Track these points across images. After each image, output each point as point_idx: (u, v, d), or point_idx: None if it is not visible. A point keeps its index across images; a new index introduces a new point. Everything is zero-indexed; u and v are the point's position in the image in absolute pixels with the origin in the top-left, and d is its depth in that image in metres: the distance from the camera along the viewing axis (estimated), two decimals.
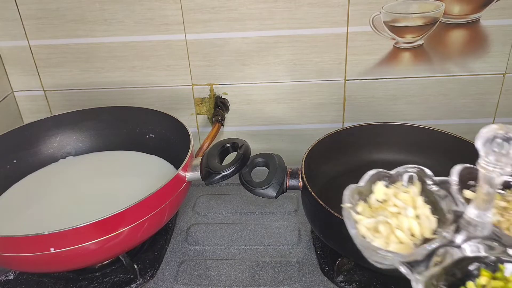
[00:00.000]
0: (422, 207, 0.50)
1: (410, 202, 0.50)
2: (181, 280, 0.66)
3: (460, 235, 0.43)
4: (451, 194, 0.49)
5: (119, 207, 0.55)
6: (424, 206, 0.50)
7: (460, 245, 0.43)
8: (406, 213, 0.49)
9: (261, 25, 0.81)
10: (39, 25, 0.83)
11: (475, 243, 0.43)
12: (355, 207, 0.50)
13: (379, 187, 0.52)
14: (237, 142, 0.69)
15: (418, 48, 0.82)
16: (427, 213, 0.49)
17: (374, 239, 0.47)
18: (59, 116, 0.82)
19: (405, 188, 0.52)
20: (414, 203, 0.50)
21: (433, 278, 0.40)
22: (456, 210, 0.47)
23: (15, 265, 0.61)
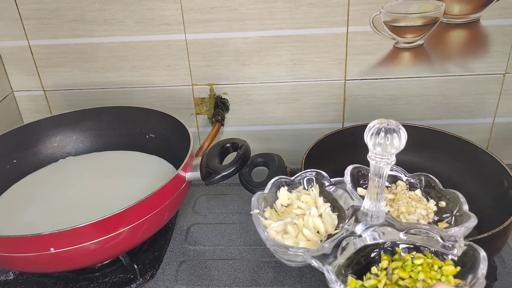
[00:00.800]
0: (323, 206, 0.55)
1: (312, 203, 0.56)
2: (181, 280, 0.66)
3: (359, 225, 0.49)
4: (347, 191, 0.55)
5: (119, 207, 0.55)
6: (324, 205, 0.56)
7: (361, 235, 0.48)
8: (310, 213, 0.54)
9: (261, 25, 0.81)
10: (39, 25, 0.83)
11: (373, 231, 0.48)
12: (263, 213, 0.56)
13: (282, 192, 0.58)
14: (237, 142, 0.69)
15: (418, 48, 0.82)
16: (328, 211, 0.55)
17: (284, 240, 0.51)
18: (59, 116, 0.82)
19: (306, 191, 0.58)
20: (316, 203, 0.56)
21: (341, 267, 0.45)
22: (353, 205, 0.52)
23: (15, 265, 0.61)
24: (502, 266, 0.66)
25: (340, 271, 0.45)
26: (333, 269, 0.44)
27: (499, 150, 0.90)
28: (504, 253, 0.68)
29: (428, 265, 0.45)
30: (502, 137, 0.91)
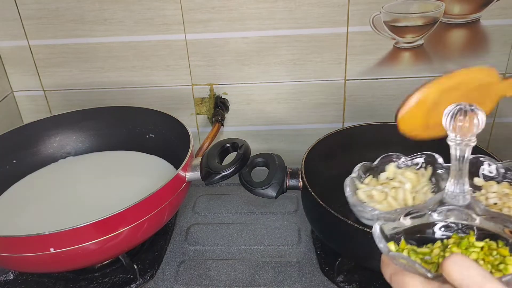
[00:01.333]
0: (423, 185, 0.56)
1: (414, 181, 0.57)
2: (181, 280, 0.66)
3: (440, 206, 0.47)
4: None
5: (119, 207, 0.55)
6: (424, 185, 0.56)
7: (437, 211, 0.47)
8: (404, 187, 0.56)
9: (261, 25, 0.81)
10: (39, 25, 0.83)
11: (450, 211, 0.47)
12: (363, 179, 0.60)
13: (391, 167, 0.60)
14: (237, 142, 0.69)
15: (418, 48, 0.82)
16: (425, 190, 0.56)
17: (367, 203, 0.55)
18: (59, 116, 0.82)
19: (415, 170, 0.59)
20: (418, 181, 0.57)
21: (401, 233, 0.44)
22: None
23: (15, 265, 0.61)
24: None
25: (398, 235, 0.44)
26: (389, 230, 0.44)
27: (499, 150, 0.90)
28: None
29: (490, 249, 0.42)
30: (502, 137, 0.91)
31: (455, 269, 0.34)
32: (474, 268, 0.34)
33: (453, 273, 0.34)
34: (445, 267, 0.34)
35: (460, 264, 0.34)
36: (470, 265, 0.34)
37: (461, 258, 0.35)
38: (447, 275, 0.34)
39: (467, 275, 0.33)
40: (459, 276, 0.33)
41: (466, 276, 0.33)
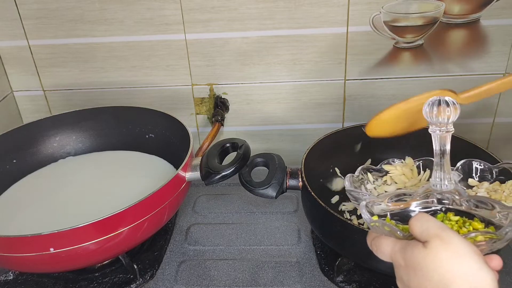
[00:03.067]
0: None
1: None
2: (181, 280, 0.66)
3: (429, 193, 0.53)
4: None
5: (119, 207, 0.55)
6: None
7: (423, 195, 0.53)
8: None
9: (261, 25, 0.81)
10: (39, 25, 0.83)
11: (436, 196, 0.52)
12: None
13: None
14: (237, 142, 0.69)
15: (418, 48, 0.82)
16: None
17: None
18: (58, 116, 0.82)
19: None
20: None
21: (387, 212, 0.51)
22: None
23: (15, 265, 0.61)
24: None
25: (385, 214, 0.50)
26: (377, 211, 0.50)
27: (499, 150, 0.90)
28: (504, 253, 0.68)
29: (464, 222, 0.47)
30: (502, 137, 0.91)
31: (418, 223, 0.40)
32: (433, 221, 0.40)
33: (415, 226, 0.40)
34: (410, 223, 0.40)
35: (421, 219, 0.40)
36: (429, 219, 0.40)
37: (422, 215, 0.40)
38: (411, 229, 0.40)
39: (426, 227, 0.39)
40: (420, 229, 0.39)
41: (425, 228, 0.39)
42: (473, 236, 0.43)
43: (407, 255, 0.40)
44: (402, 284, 0.41)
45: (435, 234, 0.38)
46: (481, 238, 0.43)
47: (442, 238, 0.38)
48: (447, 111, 0.51)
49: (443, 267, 0.37)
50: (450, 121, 0.52)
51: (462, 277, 0.36)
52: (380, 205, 0.51)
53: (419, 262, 0.38)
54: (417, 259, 0.38)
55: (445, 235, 0.38)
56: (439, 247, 0.37)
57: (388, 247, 0.42)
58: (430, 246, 0.38)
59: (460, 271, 0.36)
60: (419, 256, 0.38)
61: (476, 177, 0.65)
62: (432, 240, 0.38)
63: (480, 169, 0.65)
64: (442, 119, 0.52)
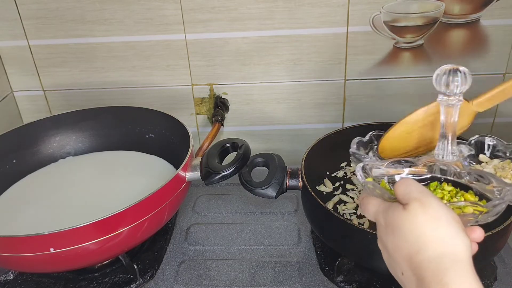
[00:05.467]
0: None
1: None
2: (181, 280, 0.66)
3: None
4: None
5: (119, 207, 0.55)
6: None
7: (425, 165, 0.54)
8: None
9: (261, 25, 0.81)
10: (38, 25, 0.83)
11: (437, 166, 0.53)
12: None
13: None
14: (237, 142, 0.69)
15: (418, 48, 0.82)
16: None
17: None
18: (58, 116, 0.82)
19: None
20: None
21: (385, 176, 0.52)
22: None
23: (15, 265, 0.61)
24: (502, 266, 0.66)
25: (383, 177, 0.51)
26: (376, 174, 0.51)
27: None
28: (504, 253, 0.68)
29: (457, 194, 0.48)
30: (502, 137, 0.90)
31: (401, 187, 0.41)
32: (416, 185, 0.41)
33: (399, 189, 0.41)
34: (395, 186, 0.42)
35: (405, 183, 0.41)
36: (413, 183, 0.41)
37: (406, 179, 0.42)
38: (395, 192, 0.42)
39: (409, 190, 0.40)
40: (403, 192, 0.41)
41: (408, 191, 0.40)
42: (462, 206, 0.44)
43: (388, 216, 0.41)
44: (381, 244, 0.43)
45: (415, 197, 0.39)
46: (469, 209, 0.44)
47: (422, 201, 0.39)
48: (456, 80, 0.50)
49: (419, 229, 0.38)
50: (459, 91, 0.51)
51: (436, 240, 0.37)
52: (379, 169, 0.52)
53: (397, 223, 0.40)
54: (396, 220, 0.40)
55: (425, 199, 0.39)
56: (418, 210, 0.39)
57: (374, 207, 0.44)
58: (409, 208, 0.39)
59: (435, 234, 0.37)
60: (398, 218, 0.40)
61: (488, 153, 0.64)
62: (412, 203, 0.39)
63: (492, 145, 0.64)
64: (451, 89, 0.51)
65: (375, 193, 0.45)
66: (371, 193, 0.46)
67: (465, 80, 0.51)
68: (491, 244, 0.57)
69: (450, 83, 0.51)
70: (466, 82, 0.51)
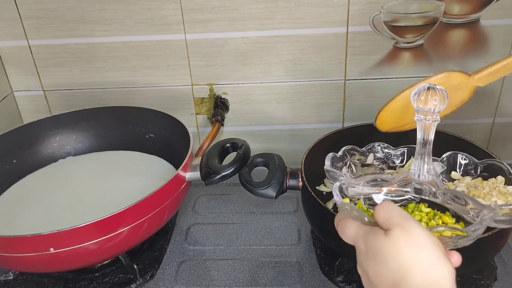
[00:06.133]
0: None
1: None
2: (181, 280, 0.66)
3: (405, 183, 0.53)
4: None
5: (119, 207, 0.55)
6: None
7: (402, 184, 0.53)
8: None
9: (261, 25, 0.81)
10: (38, 25, 0.83)
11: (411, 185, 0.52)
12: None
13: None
14: (237, 142, 0.69)
15: (418, 48, 0.82)
16: None
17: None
18: (58, 116, 0.82)
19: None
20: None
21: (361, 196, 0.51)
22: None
23: (15, 265, 0.61)
24: (502, 266, 0.66)
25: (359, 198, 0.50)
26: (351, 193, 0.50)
27: (499, 150, 0.90)
28: (504, 253, 0.68)
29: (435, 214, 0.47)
30: (502, 137, 0.91)
31: (382, 211, 0.40)
32: (397, 210, 0.40)
33: (379, 214, 0.40)
34: (375, 211, 0.41)
35: (385, 207, 0.40)
36: (393, 207, 0.40)
37: (387, 203, 0.41)
38: (375, 217, 0.40)
39: (390, 215, 0.39)
40: (384, 216, 0.39)
41: (389, 216, 0.39)
42: (441, 230, 0.43)
43: (369, 241, 0.40)
44: (361, 269, 0.42)
45: (397, 223, 0.38)
46: (447, 233, 0.43)
47: (404, 227, 0.38)
48: (434, 99, 0.50)
49: (402, 256, 0.37)
50: (436, 110, 0.51)
51: (419, 267, 0.36)
52: (354, 188, 0.51)
53: (379, 249, 0.39)
54: (377, 246, 0.39)
55: (407, 225, 0.38)
56: (400, 236, 0.38)
57: (352, 231, 0.43)
58: (391, 234, 0.38)
59: (418, 261, 0.37)
60: (380, 243, 0.39)
61: (459, 171, 0.64)
62: (394, 229, 0.38)
63: (464, 163, 0.64)
64: (429, 107, 0.51)
65: (353, 215, 0.44)
66: (348, 215, 0.45)
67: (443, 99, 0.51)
68: (491, 244, 0.57)
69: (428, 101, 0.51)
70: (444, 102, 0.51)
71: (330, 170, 0.59)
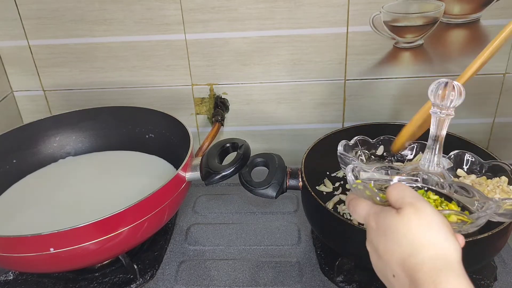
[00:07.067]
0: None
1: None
2: (181, 280, 0.66)
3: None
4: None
5: (119, 207, 0.55)
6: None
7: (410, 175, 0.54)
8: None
9: (261, 25, 0.81)
10: (39, 25, 0.83)
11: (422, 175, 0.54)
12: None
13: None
14: (237, 142, 0.69)
15: (418, 48, 0.82)
16: None
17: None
18: (58, 116, 0.82)
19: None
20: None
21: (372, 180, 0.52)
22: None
23: (15, 265, 0.61)
24: (502, 266, 0.66)
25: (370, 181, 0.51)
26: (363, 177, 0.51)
27: (499, 150, 0.90)
28: (504, 253, 0.68)
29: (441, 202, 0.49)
30: (502, 137, 0.91)
31: (394, 191, 0.41)
32: (409, 190, 0.41)
33: (392, 194, 0.41)
34: (388, 190, 0.42)
35: (398, 188, 0.42)
36: (406, 188, 0.42)
37: (400, 184, 0.43)
38: (388, 196, 0.42)
39: (402, 195, 0.41)
40: (396, 196, 0.41)
41: (401, 196, 0.41)
42: (447, 214, 0.45)
43: (380, 219, 0.41)
44: (371, 246, 0.43)
45: (409, 202, 0.40)
46: (453, 218, 0.45)
47: (416, 206, 0.39)
48: (451, 95, 0.51)
49: (413, 233, 0.38)
50: (452, 105, 0.52)
51: (429, 244, 0.38)
52: (367, 172, 0.53)
53: (390, 227, 0.40)
54: (389, 223, 0.40)
55: (419, 204, 0.40)
56: (411, 215, 0.39)
57: (364, 210, 0.44)
58: (403, 212, 0.40)
59: (429, 238, 0.38)
60: (392, 221, 0.40)
61: (465, 168, 0.66)
62: (406, 207, 0.40)
63: (471, 161, 0.66)
64: (445, 102, 0.52)
65: (365, 195, 0.46)
66: (360, 195, 0.46)
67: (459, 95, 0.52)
68: (491, 244, 0.57)
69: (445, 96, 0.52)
70: (460, 97, 0.52)
71: (344, 155, 0.61)
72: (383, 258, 0.40)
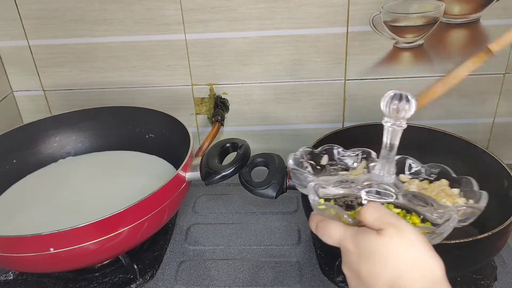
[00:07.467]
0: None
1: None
2: (181, 280, 0.66)
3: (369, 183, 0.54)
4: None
5: (119, 207, 0.55)
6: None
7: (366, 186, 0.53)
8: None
9: (261, 25, 0.81)
10: (39, 25, 0.83)
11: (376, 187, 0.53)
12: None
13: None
14: (237, 142, 0.69)
15: (418, 48, 0.82)
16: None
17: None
18: (58, 116, 0.81)
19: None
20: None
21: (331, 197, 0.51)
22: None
23: (15, 265, 0.61)
24: (502, 266, 0.66)
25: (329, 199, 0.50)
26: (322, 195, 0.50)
27: (499, 150, 0.90)
28: (504, 253, 0.68)
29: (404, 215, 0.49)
30: (502, 137, 0.91)
31: (369, 212, 0.41)
32: (385, 210, 0.41)
33: (368, 214, 0.41)
34: (362, 211, 0.41)
35: (373, 208, 0.41)
36: (381, 208, 0.41)
37: (374, 204, 0.42)
38: (363, 217, 0.41)
39: (380, 215, 0.40)
40: (373, 216, 0.40)
41: (379, 216, 0.40)
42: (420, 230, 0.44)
43: (360, 242, 0.40)
44: (350, 270, 0.42)
45: (389, 222, 0.39)
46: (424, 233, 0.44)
47: (397, 226, 0.39)
48: (405, 107, 0.51)
49: (398, 254, 0.38)
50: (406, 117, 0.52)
51: (416, 264, 0.38)
52: (325, 189, 0.51)
53: (373, 249, 0.39)
54: (371, 246, 0.39)
55: (399, 224, 0.39)
56: (394, 235, 0.39)
57: (338, 232, 0.42)
58: (384, 233, 0.39)
59: (413, 258, 0.38)
60: (374, 243, 0.39)
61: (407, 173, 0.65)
62: (387, 228, 0.39)
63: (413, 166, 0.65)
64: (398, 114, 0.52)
65: (330, 214, 0.44)
66: (325, 215, 0.44)
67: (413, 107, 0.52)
68: (491, 244, 0.57)
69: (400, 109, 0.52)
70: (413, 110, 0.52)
71: (297, 170, 0.58)
72: (366, 282, 0.39)
